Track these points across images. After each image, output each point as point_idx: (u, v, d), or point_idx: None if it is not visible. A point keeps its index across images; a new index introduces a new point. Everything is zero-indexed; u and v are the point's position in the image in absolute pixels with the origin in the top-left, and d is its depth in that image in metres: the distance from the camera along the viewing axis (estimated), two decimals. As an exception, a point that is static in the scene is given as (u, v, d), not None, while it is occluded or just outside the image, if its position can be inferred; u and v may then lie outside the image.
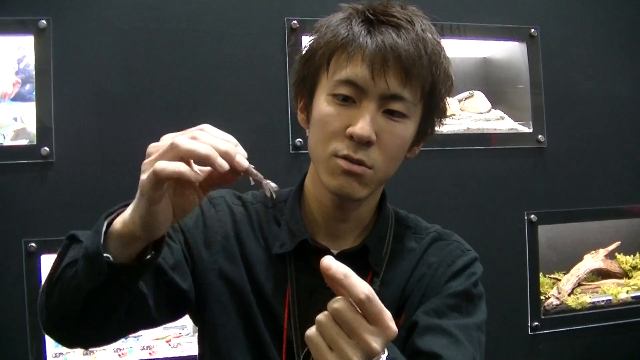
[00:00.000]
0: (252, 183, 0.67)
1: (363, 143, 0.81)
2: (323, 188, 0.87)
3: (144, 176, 0.62)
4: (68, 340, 0.80)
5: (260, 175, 0.68)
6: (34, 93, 1.45)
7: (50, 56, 1.45)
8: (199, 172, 0.65)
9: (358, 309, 0.60)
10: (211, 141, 0.63)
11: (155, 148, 0.64)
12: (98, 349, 1.45)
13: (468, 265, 0.93)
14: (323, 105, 0.84)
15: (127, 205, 0.68)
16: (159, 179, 0.61)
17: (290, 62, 1.57)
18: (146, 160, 0.64)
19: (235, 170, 0.64)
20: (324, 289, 0.71)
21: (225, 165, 0.62)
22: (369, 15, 0.84)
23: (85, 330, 0.74)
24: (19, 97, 1.45)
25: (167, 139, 0.64)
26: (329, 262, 0.60)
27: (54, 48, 1.46)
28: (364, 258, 0.91)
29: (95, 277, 0.66)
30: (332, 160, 0.83)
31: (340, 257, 0.89)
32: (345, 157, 0.82)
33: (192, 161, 0.63)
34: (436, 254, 0.94)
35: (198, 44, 1.54)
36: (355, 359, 0.59)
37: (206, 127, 0.65)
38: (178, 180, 0.64)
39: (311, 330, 0.62)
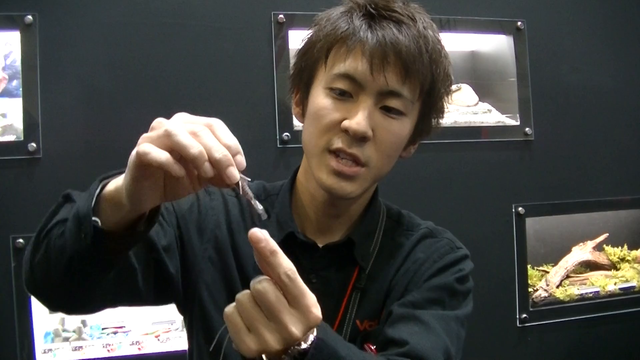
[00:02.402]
0: (240, 194, 0.63)
1: (358, 138, 0.80)
2: (315, 182, 0.86)
3: (134, 151, 0.59)
4: (49, 302, 0.77)
5: (250, 194, 0.64)
6: (21, 89, 1.44)
7: (37, 52, 1.45)
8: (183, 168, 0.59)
9: (281, 292, 0.58)
10: (208, 143, 0.58)
11: (158, 124, 0.60)
12: (87, 344, 1.45)
13: (456, 262, 0.91)
14: (319, 98, 0.83)
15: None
16: (139, 161, 0.58)
17: (278, 56, 1.57)
18: (145, 134, 0.60)
19: (223, 181, 0.59)
20: (310, 283, 0.71)
21: (209, 172, 0.57)
22: (371, 9, 0.83)
23: (67, 294, 0.73)
24: (5, 93, 1.45)
25: (178, 120, 0.61)
26: (259, 235, 0.58)
27: (40, 44, 1.45)
28: (351, 252, 0.90)
29: (80, 240, 0.64)
30: (325, 156, 0.82)
31: (325, 250, 0.89)
32: (339, 150, 0.81)
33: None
34: (424, 251, 0.92)
35: (185, 39, 1.53)
36: (272, 343, 0.58)
37: (215, 124, 0.61)
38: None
39: (230, 309, 0.61)
